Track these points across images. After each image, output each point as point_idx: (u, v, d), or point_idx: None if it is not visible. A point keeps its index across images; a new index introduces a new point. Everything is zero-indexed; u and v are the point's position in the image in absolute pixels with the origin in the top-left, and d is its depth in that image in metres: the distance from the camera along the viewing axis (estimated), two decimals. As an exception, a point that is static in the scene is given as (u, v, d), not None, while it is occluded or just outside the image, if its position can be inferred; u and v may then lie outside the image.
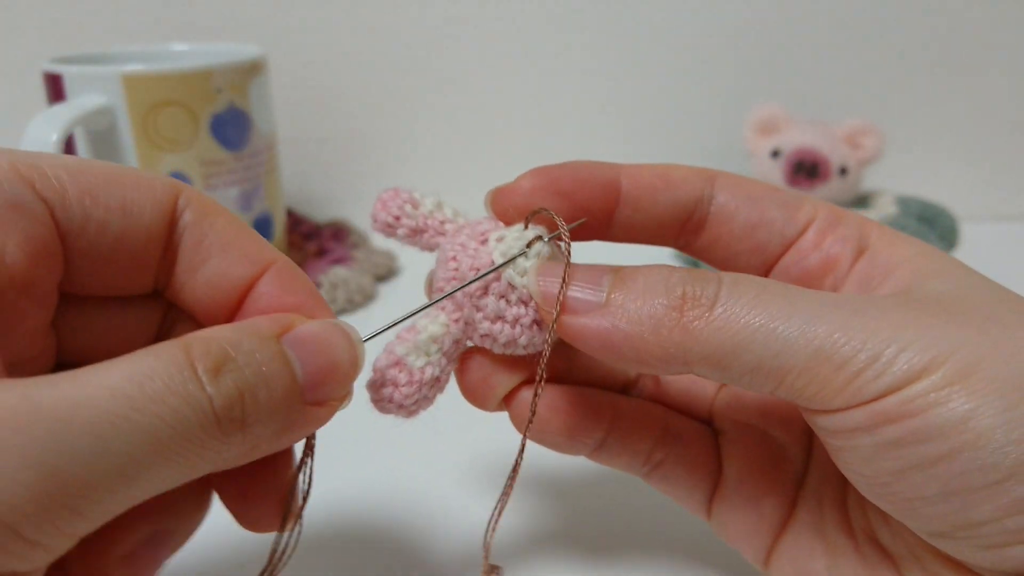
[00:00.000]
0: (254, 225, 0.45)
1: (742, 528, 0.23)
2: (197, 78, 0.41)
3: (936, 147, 0.56)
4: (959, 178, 0.56)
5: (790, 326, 0.17)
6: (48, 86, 0.41)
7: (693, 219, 0.22)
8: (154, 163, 0.41)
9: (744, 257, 0.22)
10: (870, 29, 0.54)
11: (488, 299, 0.21)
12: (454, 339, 0.21)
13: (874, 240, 0.21)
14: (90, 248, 0.18)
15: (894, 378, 0.16)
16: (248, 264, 0.19)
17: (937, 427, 0.16)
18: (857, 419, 0.17)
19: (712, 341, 0.17)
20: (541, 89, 0.56)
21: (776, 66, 0.55)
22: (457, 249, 0.21)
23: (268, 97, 0.45)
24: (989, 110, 0.55)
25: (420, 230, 0.22)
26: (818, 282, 0.21)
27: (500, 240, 0.21)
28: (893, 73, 0.55)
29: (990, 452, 0.15)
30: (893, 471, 0.17)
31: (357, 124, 0.57)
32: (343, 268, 0.48)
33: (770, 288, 0.18)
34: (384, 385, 0.21)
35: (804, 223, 0.21)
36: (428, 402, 0.21)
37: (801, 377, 0.17)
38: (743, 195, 0.22)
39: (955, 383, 0.16)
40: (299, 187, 0.58)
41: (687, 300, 0.18)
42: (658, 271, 0.19)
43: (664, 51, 0.55)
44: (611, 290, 0.19)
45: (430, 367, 0.21)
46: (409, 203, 0.22)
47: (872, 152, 0.48)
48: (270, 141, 0.46)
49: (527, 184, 0.21)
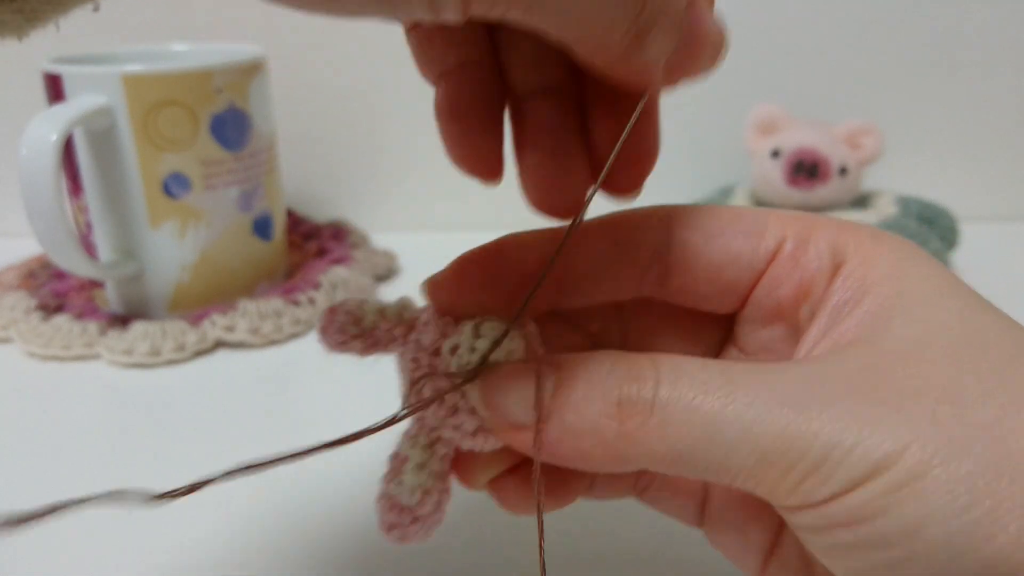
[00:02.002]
0: (254, 225, 0.45)
1: (732, 549, 0.23)
2: (197, 78, 0.41)
3: (936, 147, 0.56)
4: (959, 178, 0.56)
5: (731, 431, 0.16)
6: (48, 86, 0.41)
7: (653, 271, 0.21)
8: (154, 163, 0.41)
9: (716, 299, 0.21)
10: (870, 29, 0.54)
11: (460, 417, 0.20)
12: (440, 457, 0.21)
13: (850, 251, 0.19)
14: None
15: (841, 483, 0.15)
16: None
17: (886, 535, 0.15)
18: (810, 520, 0.16)
19: (656, 449, 0.17)
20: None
21: (776, 66, 0.55)
22: (412, 367, 0.20)
23: (268, 97, 0.45)
24: (989, 110, 0.55)
25: (371, 346, 0.21)
26: (794, 312, 0.20)
27: (454, 352, 0.20)
28: (893, 73, 0.55)
29: (944, 561, 0.15)
30: (854, 569, 0.16)
31: (357, 124, 0.57)
32: (343, 268, 0.48)
33: (710, 381, 0.17)
34: (391, 529, 0.20)
35: (773, 248, 0.20)
36: (439, 522, 0.21)
37: (750, 480, 0.16)
38: (702, 237, 0.21)
39: (904, 487, 0.15)
40: (299, 187, 0.58)
41: (623, 407, 0.17)
42: (596, 368, 0.18)
43: (664, 51, 0.55)
44: (552, 399, 0.18)
45: (427, 497, 0.20)
46: (350, 323, 0.21)
47: (872, 152, 0.48)
48: (270, 141, 0.46)
49: (454, 277, 0.20)
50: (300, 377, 0.40)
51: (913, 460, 0.15)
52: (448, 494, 0.21)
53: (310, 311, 0.44)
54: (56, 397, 0.38)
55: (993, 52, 0.54)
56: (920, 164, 0.56)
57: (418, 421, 0.21)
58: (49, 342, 0.41)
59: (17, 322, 0.42)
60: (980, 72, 0.54)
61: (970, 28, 0.53)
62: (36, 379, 0.40)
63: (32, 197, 0.38)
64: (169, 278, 0.43)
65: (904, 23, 0.54)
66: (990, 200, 0.57)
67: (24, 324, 0.42)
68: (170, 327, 0.41)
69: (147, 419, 0.36)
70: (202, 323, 0.42)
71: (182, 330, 0.41)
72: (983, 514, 0.14)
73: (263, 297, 0.44)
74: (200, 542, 0.28)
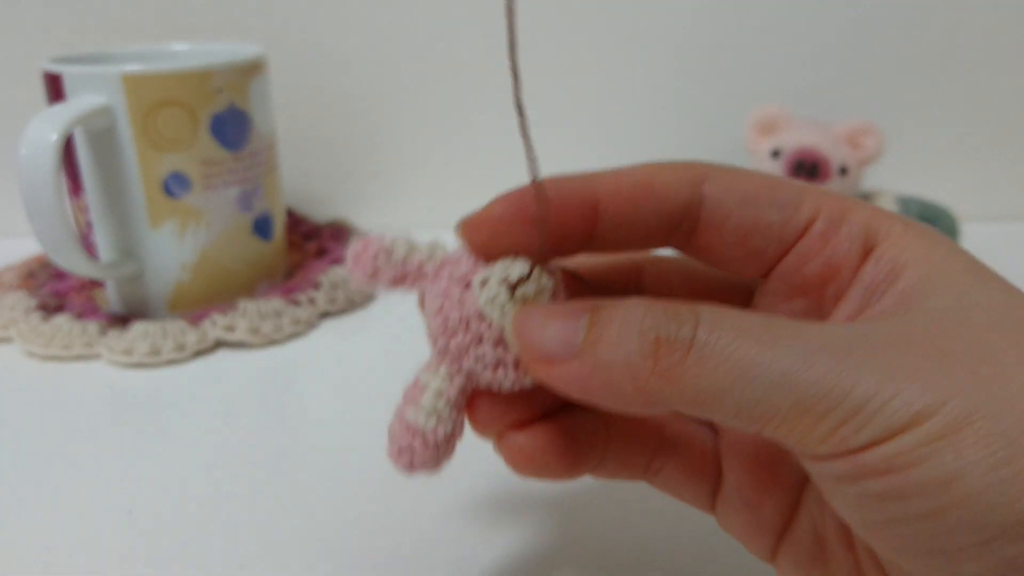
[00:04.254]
0: (254, 225, 0.45)
1: (744, 530, 0.23)
2: (197, 78, 0.41)
3: (936, 147, 0.56)
4: (959, 178, 0.56)
5: (770, 373, 0.16)
6: (47, 86, 0.41)
7: (682, 226, 0.21)
8: (154, 163, 0.41)
9: (740, 262, 0.21)
10: (870, 29, 0.54)
11: (484, 348, 0.20)
12: (459, 389, 0.21)
13: (882, 237, 0.20)
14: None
15: (878, 430, 0.15)
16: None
17: (921, 485, 0.15)
18: (841, 469, 0.16)
19: (690, 388, 0.17)
20: (542, 89, 0.56)
21: (776, 66, 0.55)
22: (441, 298, 0.21)
23: (268, 97, 0.45)
24: (989, 110, 0.55)
25: (400, 278, 0.22)
26: (820, 290, 0.20)
27: (483, 285, 0.20)
28: (893, 73, 0.55)
29: (977, 513, 0.15)
30: (879, 521, 0.16)
31: (357, 124, 0.57)
32: (343, 268, 0.48)
33: (750, 328, 0.17)
34: (401, 453, 0.21)
35: (804, 224, 0.20)
36: (449, 456, 0.21)
37: (783, 425, 0.16)
38: (736, 198, 0.21)
39: (942, 438, 0.15)
40: (299, 187, 0.58)
41: (661, 345, 0.17)
42: (633, 311, 0.18)
43: (664, 51, 0.55)
44: (586, 335, 0.18)
45: (442, 426, 0.20)
46: (381, 253, 0.22)
47: (872, 152, 0.48)
48: (270, 141, 0.46)
49: (495, 213, 0.20)
50: (300, 377, 0.40)
51: (954, 413, 0.15)
52: (462, 429, 0.21)
53: (310, 311, 0.44)
54: (56, 397, 0.38)
55: (993, 52, 0.54)
56: (920, 164, 0.56)
57: (441, 351, 0.21)
58: (49, 342, 0.41)
59: (17, 322, 0.42)
60: (980, 72, 0.54)
61: (970, 28, 0.53)
62: (36, 379, 0.40)
63: (32, 197, 0.38)
64: (169, 278, 0.43)
65: (904, 23, 0.54)
66: (990, 200, 0.57)
67: (24, 324, 0.42)
68: (170, 327, 0.41)
69: (147, 419, 0.36)
70: (202, 323, 0.42)
71: (182, 330, 0.41)
72: (1021, 469, 0.14)
73: (263, 297, 0.44)
74: (199, 540, 0.28)
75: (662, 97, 0.56)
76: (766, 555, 0.22)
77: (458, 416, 0.21)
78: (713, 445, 0.24)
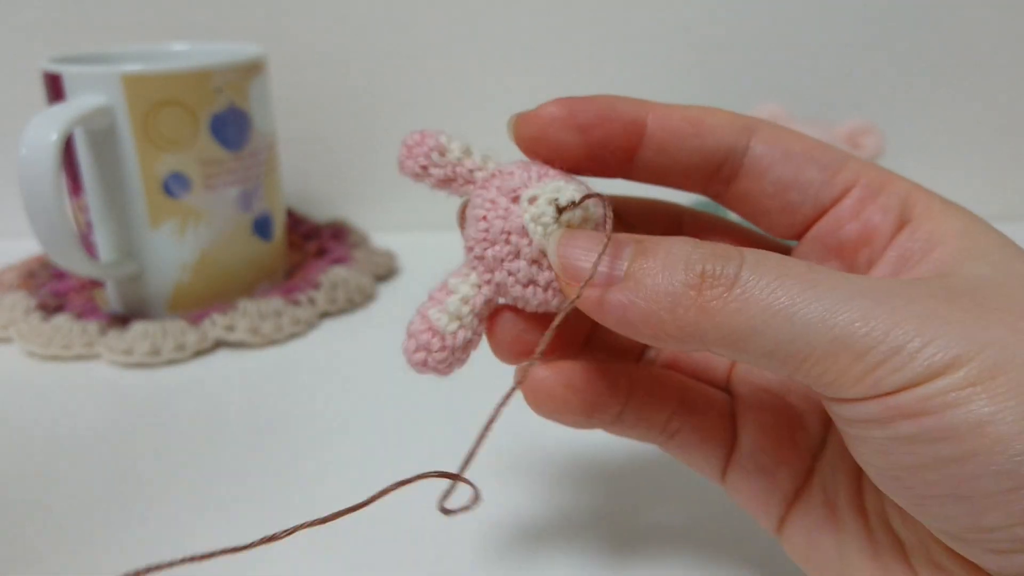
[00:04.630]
0: (254, 225, 0.45)
1: (755, 496, 0.23)
2: (197, 78, 0.41)
3: (936, 147, 0.56)
4: (959, 178, 0.56)
5: (810, 311, 0.16)
6: (47, 86, 0.41)
7: (723, 169, 0.21)
8: (154, 163, 0.41)
9: (775, 216, 0.21)
10: (871, 29, 0.54)
11: (519, 263, 0.20)
12: (485, 299, 0.21)
13: (919, 211, 0.20)
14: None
15: (914, 373, 0.15)
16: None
17: (953, 428, 0.15)
18: (873, 411, 0.16)
19: (729, 323, 0.17)
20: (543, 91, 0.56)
21: (776, 66, 0.55)
22: (487, 207, 0.21)
23: (268, 97, 0.45)
24: (989, 110, 0.55)
25: (449, 179, 0.22)
26: (853, 254, 0.21)
27: (532, 201, 0.20)
28: (893, 73, 0.55)
29: (1006, 459, 0.15)
30: (905, 466, 0.16)
31: (357, 124, 0.57)
32: (343, 268, 0.48)
33: (793, 269, 0.17)
34: (417, 350, 0.21)
35: (842, 188, 0.21)
36: (461, 363, 0.21)
37: (819, 364, 0.16)
38: (780, 151, 0.21)
39: (977, 384, 0.15)
40: (299, 187, 0.58)
41: (706, 279, 0.17)
42: (680, 245, 0.18)
43: (664, 51, 0.55)
44: (631, 263, 0.18)
45: (462, 331, 0.21)
46: (436, 150, 0.22)
47: (872, 152, 0.48)
48: (270, 141, 0.46)
49: (547, 113, 0.21)
50: (300, 377, 0.40)
51: (990, 360, 0.15)
52: (479, 339, 0.22)
53: (310, 311, 0.44)
54: (56, 397, 0.38)
55: (993, 52, 0.54)
56: (920, 164, 0.56)
57: (476, 259, 0.21)
58: (49, 342, 0.41)
59: (17, 322, 0.42)
60: (980, 72, 0.54)
61: (970, 28, 0.53)
62: (36, 379, 0.40)
63: (32, 197, 0.38)
64: (169, 278, 0.43)
65: (904, 23, 0.54)
66: (990, 200, 0.57)
67: (24, 324, 0.42)
68: (170, 327, 0.41)
69: (147, 419, 0.36)
70: (202, 323, 0.42)
71: (182, 330, 0.41)
72: None
73: (263, 297, 0.44)
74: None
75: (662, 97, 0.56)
76: (774, 524, 0.22)
77: (479, 326, 0.21)
78: (730, 408, 0.24)
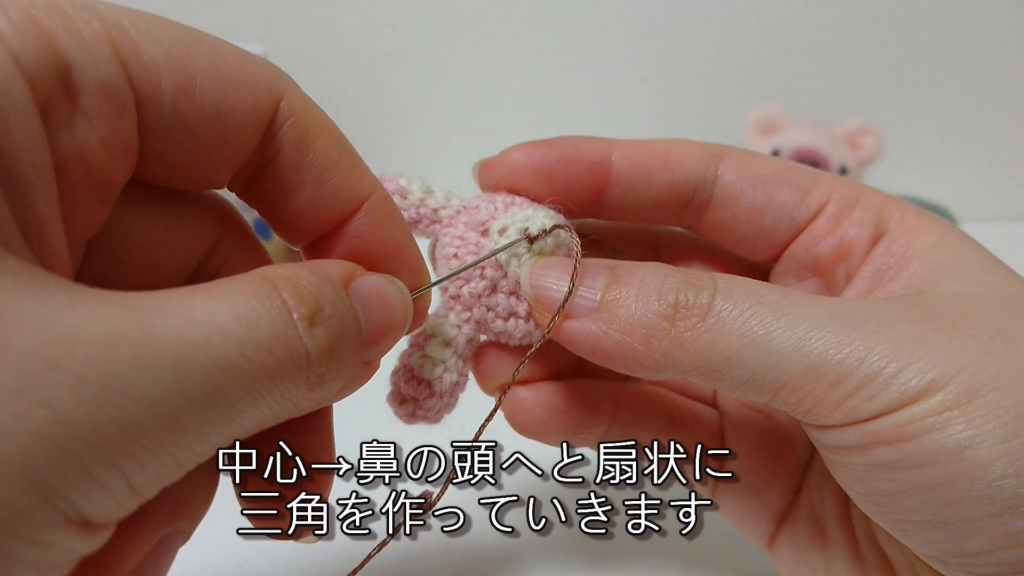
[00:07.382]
0: (254, 226, 0.45)
1: (745, 514, 0.23)
2: (197, 78, 0.41)
3: (936, 147, 0.56)
4: (959, 178, 0.56)
5: (784, 339, 0.16)
6: (48, 86, 0.41)
7: (695, 201, 0.21)
8: (154, 163, 0.41)
9: (751, 242, 0.21)
10: (870, 29, 0.54)
11: (498, 297, 0.20)
12: (467, 338, 0.20)
13: (893, 225, 0.20)
14: (170, 150, 0.16)
15: (891, 399, 0.15)
16: (343, 200, 0.18)
17: (932, 453, 0.15)
18: (851, 437, 0.16)
19: (703, 353, 0.17)
20: (543, 90, 0.56)
21: (776, 66, 0.55)
22: (457, 244, 0.20)
23: (268, 97, 0.45)
24: (989, 110, 0.55)
25: (414, 221, 0.21)
26: (831, 270, 0.21)
27: (502, 233, 0.20)
28: (893, 73, 0.55)
29: (986, 484, 0.15)
30: (886, 493, 0.16)
31: (357, 124, 0.57)
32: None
33: (766, 296, 0.17)
34: (405, 401, 0.20)
35: (817, 206, 0.21)
36: (450, 408, 0.21)
37: (795, 392, 0.16)
38: (750, 177, 0.21)
39: (954, 408, 0.15)
40: (299, 187, 0.58)
41: (679, 309, 0.17)
42: (653, 274, 0.18)
43: (664, 51, 0.55)
44: (605, 292, 0.18)
45: (447, 374, 0.20)
46: (397, 194, 0.21)
47: (872, 152, 0.48)
48: (270, 141, 0.46)
49: (508, 161, 0.21)
50: (300, 377, 0.40)
51: (966, 384, 0.15)
52: (466, 381, 0.21)
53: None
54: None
55: (993, 52, 0.54)
56: (920, 164, 0.56)
57: (451, 299, 0.20)
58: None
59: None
60: (980, 72, 0.54)
61: (970, 28, 0.53)
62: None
63: (32, 197, 0.38)
64: (169, 278, 0.43)
65: (904, 23, 0.54)
66: (990, 200, 0.57)
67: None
68: (170, 327, 0.41)
69: (147, 419, 0.36)
70: (202, 323, 0.42)
71: (182, 330, 0.41)
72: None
73: (263, 297, 0.44)
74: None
75: (662, 97, 0.56)
76: (764, 541, 0.22)
77: (464, 367, 0.21)
78: (719, 426, 0.24)
